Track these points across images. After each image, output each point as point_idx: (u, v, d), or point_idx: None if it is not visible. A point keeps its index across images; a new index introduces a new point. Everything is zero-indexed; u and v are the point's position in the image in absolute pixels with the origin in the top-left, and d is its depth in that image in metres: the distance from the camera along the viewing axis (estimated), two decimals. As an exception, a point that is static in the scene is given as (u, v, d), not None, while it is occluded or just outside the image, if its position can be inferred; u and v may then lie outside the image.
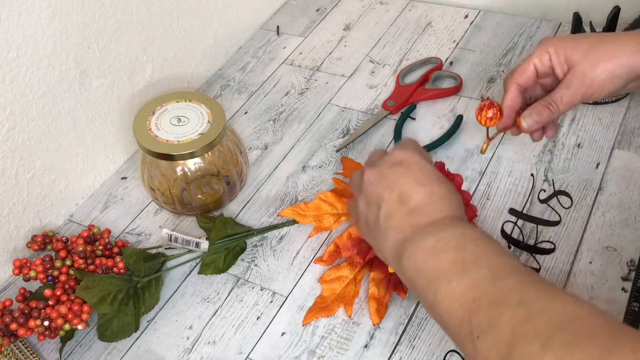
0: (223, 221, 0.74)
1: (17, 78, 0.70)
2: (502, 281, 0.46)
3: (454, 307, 0.47)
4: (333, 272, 0.70)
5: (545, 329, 0.41)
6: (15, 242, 0.76)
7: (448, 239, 0.51)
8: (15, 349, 0.67)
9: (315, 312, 0.67)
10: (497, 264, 0.48)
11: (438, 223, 0.53)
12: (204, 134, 0.74)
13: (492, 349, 0.43)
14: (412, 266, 0.51)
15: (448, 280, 0.48)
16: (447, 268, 0.48)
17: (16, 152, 0.73)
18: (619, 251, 0.68)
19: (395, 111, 0.89)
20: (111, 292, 0.66)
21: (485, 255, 0.49)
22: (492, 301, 0.45)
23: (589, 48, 0.57)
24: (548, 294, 0.44)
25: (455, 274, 0.48)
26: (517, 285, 0.45)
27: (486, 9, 1.04)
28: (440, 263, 0.49)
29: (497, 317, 0.43)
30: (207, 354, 0.66)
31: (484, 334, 0.44)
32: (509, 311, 0.43)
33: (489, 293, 0.45)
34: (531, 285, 0.45)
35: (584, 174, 0.77)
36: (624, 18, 0.85)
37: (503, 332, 0.42)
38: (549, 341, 0.40)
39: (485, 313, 0.44)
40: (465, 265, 0.48)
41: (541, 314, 0.42)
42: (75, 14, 0.75)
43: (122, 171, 0.87)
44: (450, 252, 0.49)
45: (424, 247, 0.51)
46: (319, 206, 0.75)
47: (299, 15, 1.10)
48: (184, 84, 0.95)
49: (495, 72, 0.93)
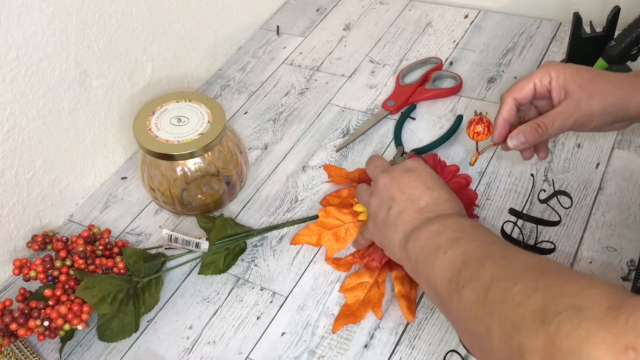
0: (223, 221, 0.74)
1: (17, 78, 0.70)
2: (490, 247, 0.52)
3: (446, 271, 0.52)
4: (353, 280, 0.69)
5: (519, 270, 0.47)
6: (15, 242, 0.76)
7: (450, 224, 0.56)
8: (15, 349, 0.67)
9: (343, 320, 0.66)
10: (489, 239, 0.54)
11: (443, 216, 0.58)
12: (204, 134, 0.74)
13: (472, 293, 0.48)
14: (416, 246, 0.57)
15: (444, 251, 0.53)
16: (445, 243, 0.54)
17: (16, 152, 0.73)
18: (619, 251, 0.68)
19: (395, 111, 0.89)
20: (111, 293, 0.66)
21: (479, 234, 0.55)
22: (478, 258, 0.51)
23: (588, 80, 0.59)
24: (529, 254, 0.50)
25: (451, 245, 0.53)
26: (502, 249, 0.52)
27: (486, 9, 1.04)
28: (439, 240, 0.55)
29: (480, 268, 0.49)
30: (207, 354, 0.66)
31: (467, 283, 0.49)
32: (491, 262, 0.49)
33: (477, 255, 0.51)
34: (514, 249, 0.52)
35: (584, 174, 0.77)
36: (624, 18, 0.85)
37: (483, 278, 0.48)
38: (520, 277, 0.46)
39: (471, 267, 0.50)
40: (460, 239, 0.54)
41: (518, 262, 0.48)
42: (75, 14, 0.75)
43: (122, 171, 0.87)
44: (450, 232, 0.55)
45: (428, 231, 0.57)
46: (323, 224, 0.73)
47: (299, 15, 1.10)
48: (184, 84, 0.95)
49: (495, 72, 0.93)
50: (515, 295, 0.44)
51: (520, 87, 0.64)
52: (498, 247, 0.52)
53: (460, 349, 0.62)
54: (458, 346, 0.62)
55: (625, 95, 0.59)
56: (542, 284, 0.44)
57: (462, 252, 0.52)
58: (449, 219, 0.57)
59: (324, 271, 0.72)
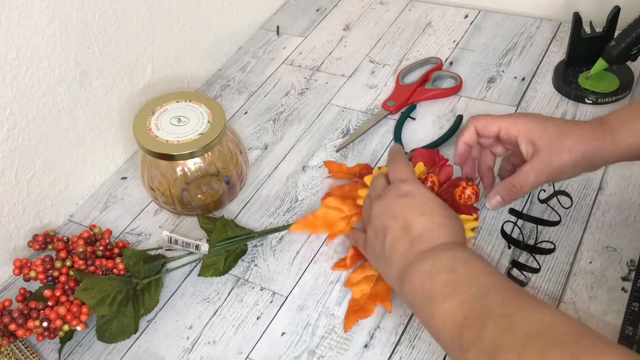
0: (224, 223, 0.74)
1: (17, 78, 0.70)
2: (488, 297, 0.50)
3: (447, 325, 0.51)
4: (359, 274, 0.69)
5: (522, 338, 0.45)
6: (15, 242, 0.76)
7: (442, 263, 0.55)
8: (15, 349, 0.67)
9: (352, 316, 0.66)
10: (485, 282, 0.52)
11: (435, 249, 0.57)
12: (204, 134, 0.74)
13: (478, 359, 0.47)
14: (411, 290, 0.56)
15: (442, 300, 0.52)
16: (440, 290, 0.53)
17: (16, 152, 0.73)
18: (619, 251, 0.68)
19: (395, 111, 0.89)
20: (110, 294, 0.66)
21: (474, 276, 0.53)
22: (478, 316, 0.49)
23: (555, 136, 0.61)
24: (528, 305, 0.49)
25: (447, 295, 0.52)
26: (501, 300, 0.50)
27: (486, 9, 1.04)
28: (434, 286, 0.53)
29: (482, 329, 0.48)
30: (207, 354, 0.66)
31: (471, 346, 0.48)
32: (492, 323, 0.48)
33: (476, 309, 0.50)
34: (513, 299, 0.50)
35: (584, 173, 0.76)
36: (624, 18, 0.85)
37: (486, 343, 0.47)
38: (524, 350, 0.44)
39: (472, 327, 0.49)
40: (456, 286, 0.52)
41: (520, 325, 0.47)
42: (75, 14, 0.75)
43: (122, 171, 0.87)
44: (443, 275, 0.53)
45: (421, 272, 0.55)
46: (327, 214, 0.74)
47: (299, 15, 1.10)
48: (184, 84, 0.95)
49: (495, 72, 0.93)
50: None
51: (485, 124, 0.66)
52: (496, 297, 0.50)
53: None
54: (458, 346, 0.62)
55: (591, 150, 0.61)
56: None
57: (460, 304, 0.51)
58: (441, 255, 0.55)
59: (324, 271, 0.72)
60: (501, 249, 0.71)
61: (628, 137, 0.60)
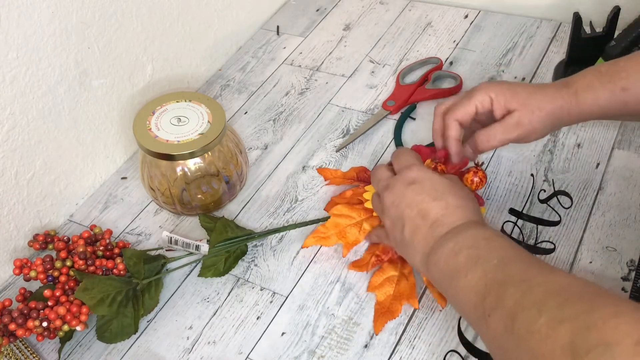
0: (224, 224, 0.74)
1: (17, 78, 0.70)
2: (509, 266, 0.52)
3: (470, 295, 0.52)
4: (379, 277, 0.69)
5: (542, 297, 0.47)
6: (15, 242, 0.76)
7: (463, 241, 0.56)
8: (15, 349, 0.67)
9: (381, 319, 0.66)
10: (505, 254, 0.54)
11: (455, 230, 0.58)
12: (204, 134, 0.74)
13: (499, 322, 0.48)
14: (437, 271, 0.57)
15: (464, 274, 0.54)
16: (463, 264, 0.54)
17: (16, 152, 0.73)
18: (619, 251, 0.68)
19: (395, 111, 0.89)
20: (110, 294, 0.66)
21: (495, 249, 0.55)
22: (500, 282, 0.51)
23: (525, 98, 0.64)
24: (547, 271, 0.50)
25: (470, 267, 0.54)
26: (521, 268, 0.51)
27: (486, 9, 1.04)
28: (457, 262, 0.55)
29: (503, 294, 0.49)
30: (207, 354, 0.66)
31: (493, 311, 0.49)
32: (512, 287, 0.49)
33: (498, 277, 0.51)
34: (532, 266, 0.51)
35: (584, 174, 0.77)
36: (624, 18, 0.85)
37: (507, 305, 0.48)
38: (544, 306, 0.46)
39: (494, 293, 0.50)
40: (478, 259, 0.54)
41: (539, 286, 0.48)
42: (75, 14, 0.75)
43: (122, 171, 0.87)
44: (465, 251, 0.55)
45: (444, 252, 0.57)
46: (337, 223, 0.73)
47: (299, 15, 1.10)
48: (184, 84, 0.95)
49: (495, 72, 0.93)
50: (541, 327, 0.44)
51: (464, 110, 0.67)
52: (517, 265, 0.52)
53: (460, 349, 0.62)
54: (458, 346, 0.62)
55: (558, 108, 0.64)
56: (567, 314, 0.44)
57: (482, 274, 0.52)
58: (461, 233, 0.57)
59: (324, 271, 0.72)
60: (501, 249, 0.71)
61: (590, 101, 0.63)
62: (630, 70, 0.62)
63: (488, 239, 0.56)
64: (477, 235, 0.56)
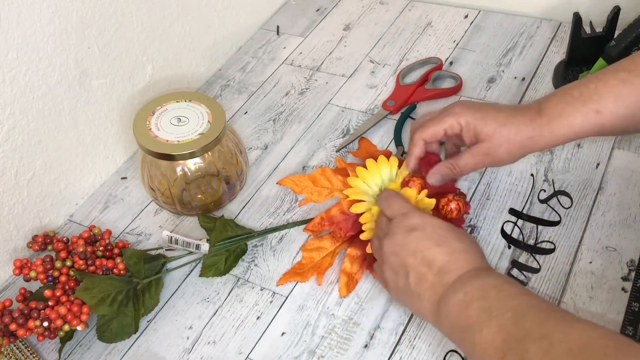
0: (224, 223, 0.74)
1: (17, 78, 0.70)
2: (524, 319, 0.51)
3: (489, 351, 0.51)
4: (315, 243, 0.72)
5: (565, 356, 0.46)
6: (15, 242, 0.76)
7: (472, 291, 0.55)
8: (15, 349, 0.67)
9: (290, 276, 0.70)
10: (517, 304, 0.53)
11: (462, 278, 0.57)
12: (204, 134, 0.74)
13: None
14: (449, 324, 0.56)
15: (479, 329, 0.52)
16: (476, 318, 0.53)
17: (16, 152, 0.73)
18: (619, 251, 0.68)
19: (395, 111, 0.89)
20: (111, 294, 0.66)
21: (506, 299, 0.54)
22: (518, 339, 0.50)
23: (495, 128, 0.64)
24: (565, 323, 0.50)
25: (484, 322, 0.52)
26: (537, 320, 0.51)
27: (486, 9, 1.04)
28: (469, 316, 0.54)
29: (525, 352, 0.48)
30: (207, 354, 0.66)
31: None
32: (533, 346, 0.48)
33: (515, 333, 0.50)
34: (549, 318, 0.51)
35: (584, 174, 0.77)
36: (624, 18, 0.85)
37: None
38: None
39: (515, 351, 0.49)
40: (491, 312, 0.53)
41: (560, 343, 0.47)
42: (75, 14, 0.75)
43: (122, 171, 0.87)
44: (476, 303, 0.54)
45: (455, 304, 0.56)
46: (315, 179, 0.78)
47: (299, 15, 1.10)
48: (184, 84, 0.95)
49: (495, 72, 0.93)
50: None
51: (432, 131, 0.68)
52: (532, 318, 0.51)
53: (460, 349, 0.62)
54: (458, 346, 0.62)
55: (528, 140, 0.64)
56: None
57: (497, 329, 0.51)
58: (469, 283, 0.56)
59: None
60: (501, 249, 0.71)
61: (565, 129, 0.63)
62: (603, 93, 0.61)
63: (497, 288, 0.55)
64: (485, 284, 0.55)
